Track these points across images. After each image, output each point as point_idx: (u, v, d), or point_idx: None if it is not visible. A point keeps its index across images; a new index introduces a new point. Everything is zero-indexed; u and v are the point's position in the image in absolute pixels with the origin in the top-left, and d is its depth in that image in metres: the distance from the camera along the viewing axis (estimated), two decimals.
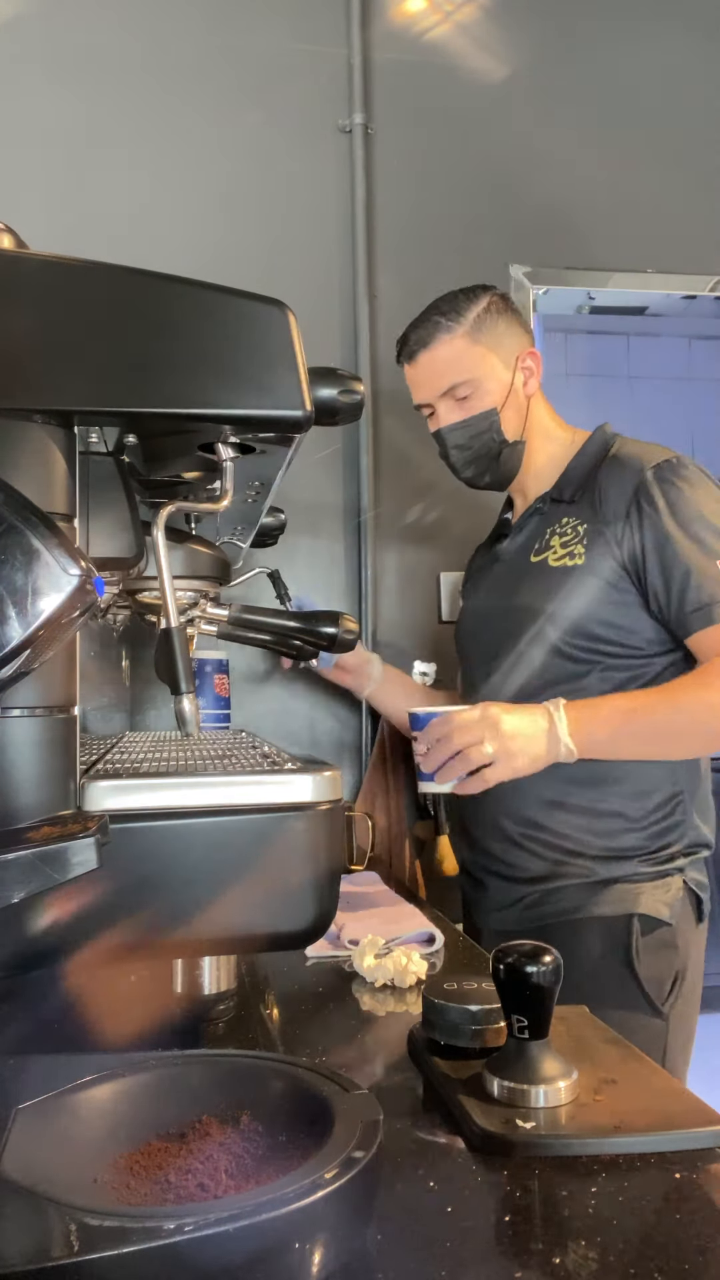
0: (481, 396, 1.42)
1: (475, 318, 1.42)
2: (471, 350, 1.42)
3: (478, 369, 1.42)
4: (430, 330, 1.43)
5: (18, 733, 0.62)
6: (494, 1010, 0.76)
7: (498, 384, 1.43)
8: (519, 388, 1.45)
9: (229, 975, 0.96)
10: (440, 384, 1.43)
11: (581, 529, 1.37)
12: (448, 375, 1.42)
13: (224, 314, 0.63)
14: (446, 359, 1.42)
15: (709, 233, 2.21)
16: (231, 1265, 0.46)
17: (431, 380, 1.44)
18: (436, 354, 1.42)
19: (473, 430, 1.44)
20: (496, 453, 1.45)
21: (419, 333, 1.44)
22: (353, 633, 1.11)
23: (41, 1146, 0.55)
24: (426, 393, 1.46)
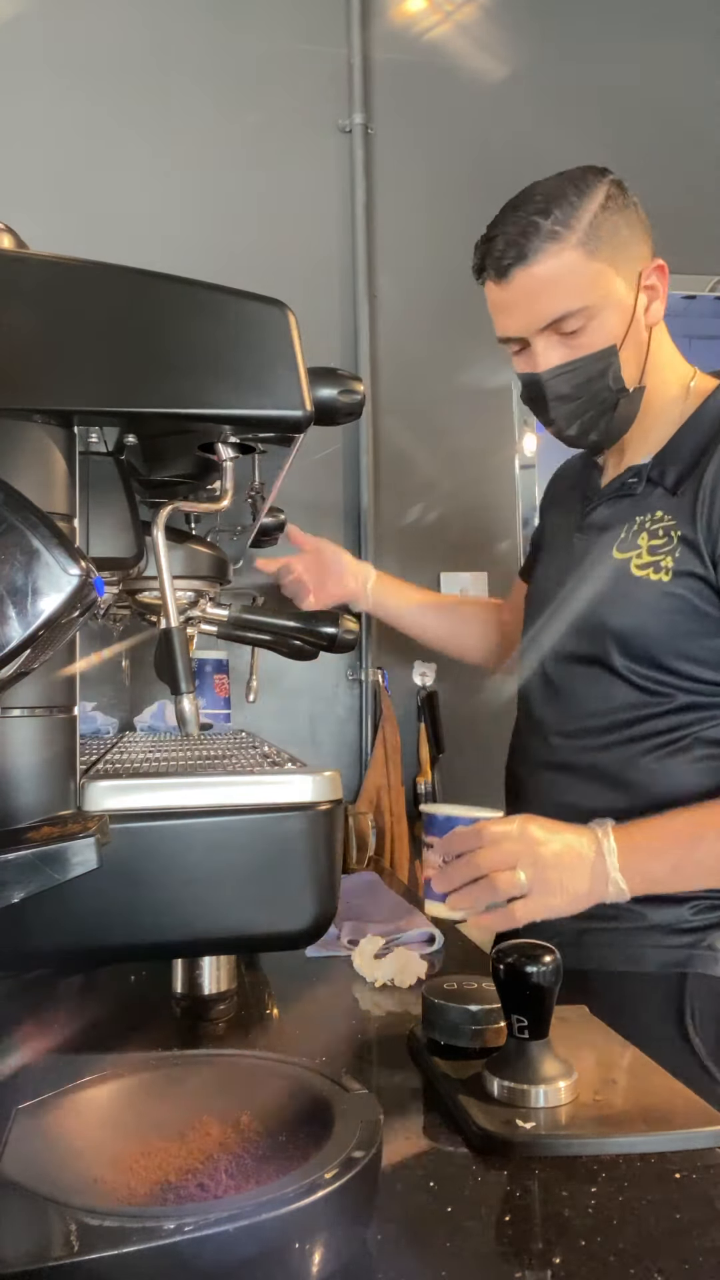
0: (597, 330, 1.07)
1: (591, 220, 1.05)
2: (587, 267, 1.05)
3: (594, 292, 1.06)
4: (530, 236, 1.05)
5: (18, 733, 0.62)
6: (494, 1010, 0.76)
7: (618, 312, 1.07)
8: (641, 315, 1.09)
9: (229, 975, 0.96)
10: (544, 313, 1.06)
11: (675, 535, 1.07)
12: (555, 302, 1.06)
13: (224, 314, 0.63)
14: (554, 279, 1.05)
15: (709, 233, 2.21)
16: (231, 1265, 0.46)
17: (530, 308, 1.07)
18: (539, 271, 1.05)
19: (583, 375, 1.08)
20: (612, 404, 1.11)
21: (513, 238, 1.06)
22: (352, 632, 1.11)
23: (41, 1146, 0.55)
24: (522, 323, 1.08)
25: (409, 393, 2.07)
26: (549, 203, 1.06)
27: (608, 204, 1.07)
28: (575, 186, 1.07)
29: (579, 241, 1.05)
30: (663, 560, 1.08)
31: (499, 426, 2.12)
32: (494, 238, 1.08)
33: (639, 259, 1.10)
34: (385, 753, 1.95)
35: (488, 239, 1.10)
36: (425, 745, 2.02)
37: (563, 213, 1.05)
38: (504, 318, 1.11)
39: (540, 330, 1.08)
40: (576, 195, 1.06)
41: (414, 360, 2.09)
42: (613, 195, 1.08)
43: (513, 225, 1.06)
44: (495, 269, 1.08)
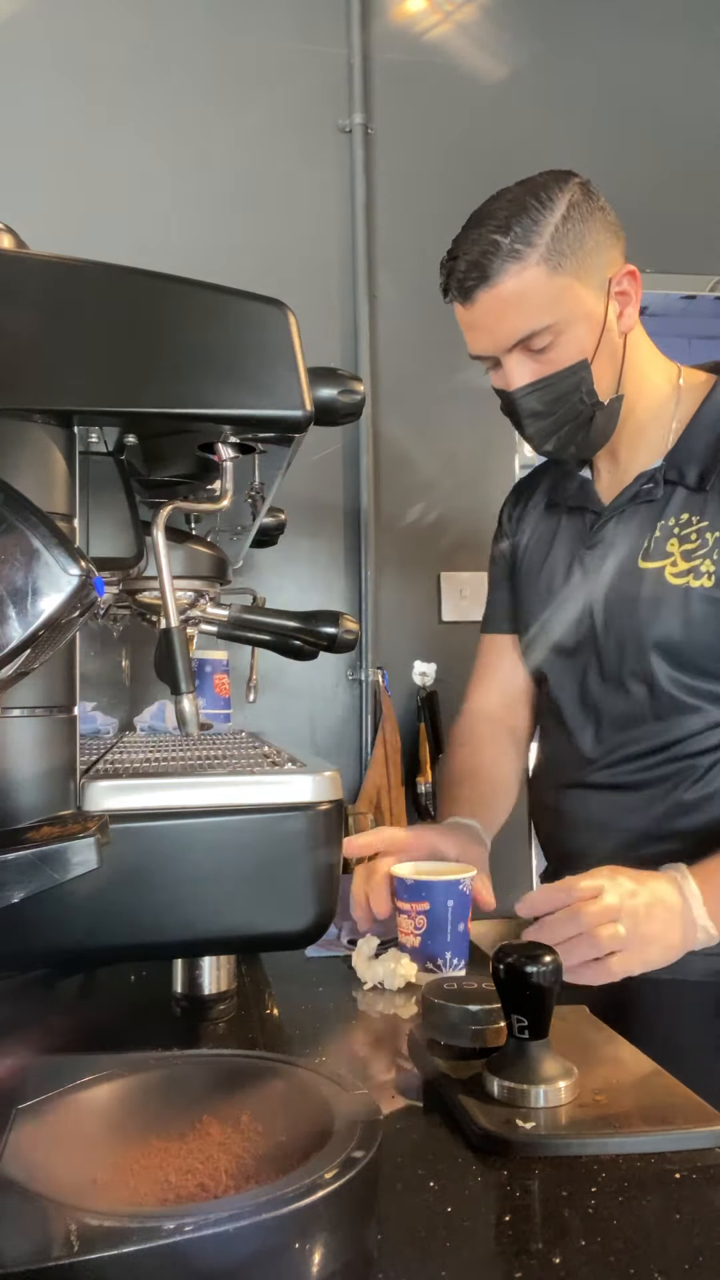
0: (567, 345, 1.03)
1: (553, 234, 1.01)
2: (551, 284, 1.01)
3: (560, 308, 1.02)
4: (491, 257, 1.01)
5: (18, 733, 0.62)
6: (494, 1010, 0.76)
7: (587, 325, 1.04)
8: (613, 324, 1.06)
9: (229, 975, 0.96)
10: (510, 333, 1.03)
11: (711, 537, 1.04)
12: (520, 321, 1.02)
13: (224, 314, 0.63)
14: (517, 298, 1.02)
15: (709, 233, 2.21)
16: (231, 1265, 0.46)
17: (496, 327, 1.04)
18: (502, 292, 1.02)
19: (555, 391, 1.05)
20: (588, 417, 1.08)
21: (475, 259, 1.02)
22: (352, 632, 1.11)
23: (41, 1146, 0.55)
24: (489, 343, 1.06)
25: (409, 393, 2.08)
26: (510, 219, 1.02)
27: (570, 214, 1.03)
28: (536, 198, 1.03)
29: (540, 258, 1.01)
30: (701, 565, 1.04)
31: (499, 426, 2.11)
32: (456, 258, 1.06)
33: (607, 266, 1.07)
34: (385, 753, 1.95)
35: (451, 258, 1.07)
36: (425, 745, 2.02)
37: (523, 229, 1.01)
38: (472, 336, 1.09)
39: (508, 349, 1.05)
40: (538, 208, 1.02)
41: (414, 360, 2.09)
42: (576, 204, 1.04)
43: (474, 245, 1.03)
44: (459, 290, 1.06)
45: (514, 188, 1.06)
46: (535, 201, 1.03)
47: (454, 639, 2.00)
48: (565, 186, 1.05)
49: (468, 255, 1.03)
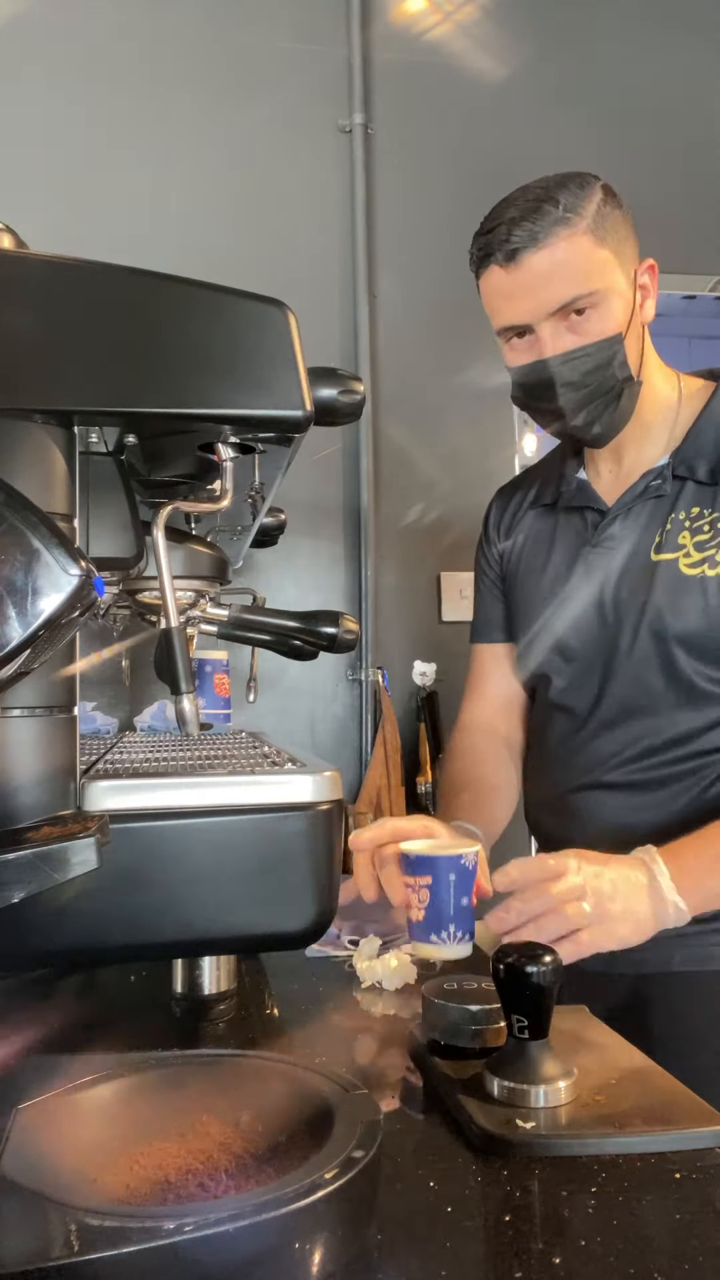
0: (605, 317, 1.06)
1: (596, 211, 1.06)
2: (596, 254, 1.05)
3: (603, 279, 1.06)
4: (543, 222, 1.03)
5: (18, 733, 0.62)
6: (494, 1010, 0.76)
7: (622, 301, 1.08)
8: (638, 308, 1.11)
9: (229, 975, 0.96)
10: (556, 296, 1.05)
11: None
12: (568, 285, 1.05)
13: (224, 314, 0.63)
14: (566, 262, 1.04)
15: (709, 233, 2.21)
16: (231, 1265, 0.46)
17: (542, 291, 1.05)
18: (553, 255, 1.04)
19: (593, 361, 1.07)
20: (618, 393, 1.10)
21: (525, 224, 1.04)
22: (353, 632, 1.11)
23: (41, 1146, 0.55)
24: (531, 308, 1.06)
25: (409, 393, 2.08)
26: (555, 192, 1.05)
27: (606, 200, 1.08)
28: (575, 181, 1.07)
29: (588, 228, 1.05)
30: (715, 554, 1.07)
31: (499, 426, 2.12)
32: (503, 227, 1.06)
33: (633, 256, 1.11)
34: (385, 753, 1.95)
35: (493, 230, 1.07)
36: (425, 745, 2.02)
37: (571, 200, 1.05)
38: (510, 304, 1.08)
39: (549, 315, 1.06)
40: (579, 188, 1.06)
41: (414, 360, 2.09)
42: (608, 193, 1.10)
43: (526, 214, 1.04)
44: (504, 253, 1.05)
45: (543, 178, 1.09)
46: (575, 183, 1.07)
47: (454, 639, 2.00)
48: (595, 180, 1.10)
49: (518, 223, 1.04)
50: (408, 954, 1.04)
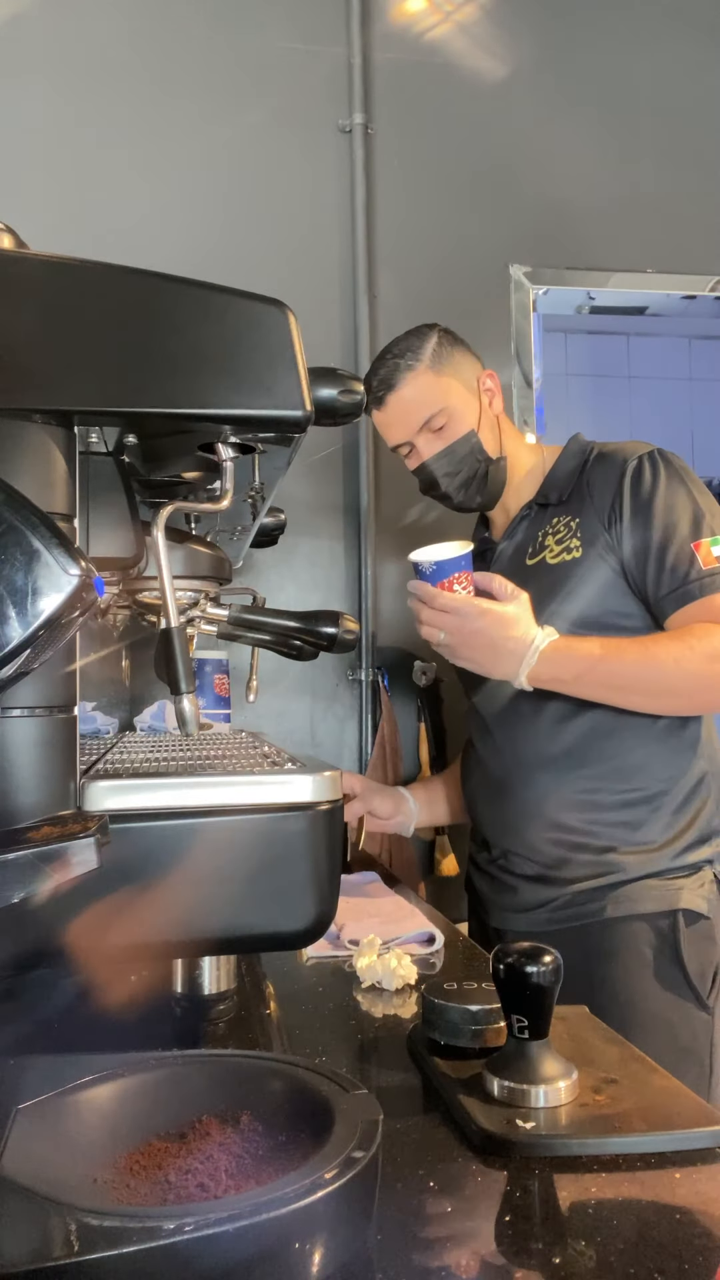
0: (457, 422, 1.45)
1: (432, 352, 1.45)
2: (437, 382, 1.45)
3: (447, 397, 1.45)
4: (392, 372, 1.45)
5: (18, 733, 0.62)
6: (494, 1010, 0.76)
7: (468, 407, 1.46)
8: (486, 407, 1.49)
9: (229, 975, 0.96)
10: (415, 420, 1.45)
11: (574, 524, 1.39)
12: (421, 409, 1.44)
13: (224, 314, 0.63)
14: (416, 395, 1.44)
15: (709, 233, 2.21)
16: (231, 1265, 0.46)
17: (405, 418, 1.46)
18: (404, 393, 1.45)
19: (457, 455, 1.46)
20: (485, 471, 1.48)
21: (381, 377, 1.46)
22: (352, 632, 1.11)
23: (41, 1146, 0.55)
24: (402, 432, 1.47)
25: None
26: (401, 350, 1.46)
27: (441, 340, 1.47)
28: (416, 335, 1.47)
29: (426, 366, 1.45)
30: (570, 543, 1.39)
31: None
32: (370, 382, 1.47)
33: (472, 371, 1.49)
34: (385, 753, 1.95)
35: (365, 383, 1.46)
36: (425, 745, 2.02)
37: (411, 351, 1.46)
38: (390, 431, 1.49)
39: (417, 432, 1.46)
40: (417, 340, 1.46)
41: None
42: (443, 335, 1.48)
43: (380, 369, 1.47)
44: (375, 402, 1.48)
45: (400, 335, 1.50)
46: (415, 336, 1.48)
47: None
48: (433, 328, 1.49)
49: (377, 377, 1.47)
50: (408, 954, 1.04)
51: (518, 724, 1.41)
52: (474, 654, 1.28)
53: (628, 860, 1.33)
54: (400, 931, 1.16)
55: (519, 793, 1.40)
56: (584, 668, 1.27)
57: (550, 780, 1.37)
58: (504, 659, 1.27)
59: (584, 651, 1.28)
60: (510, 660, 1.27)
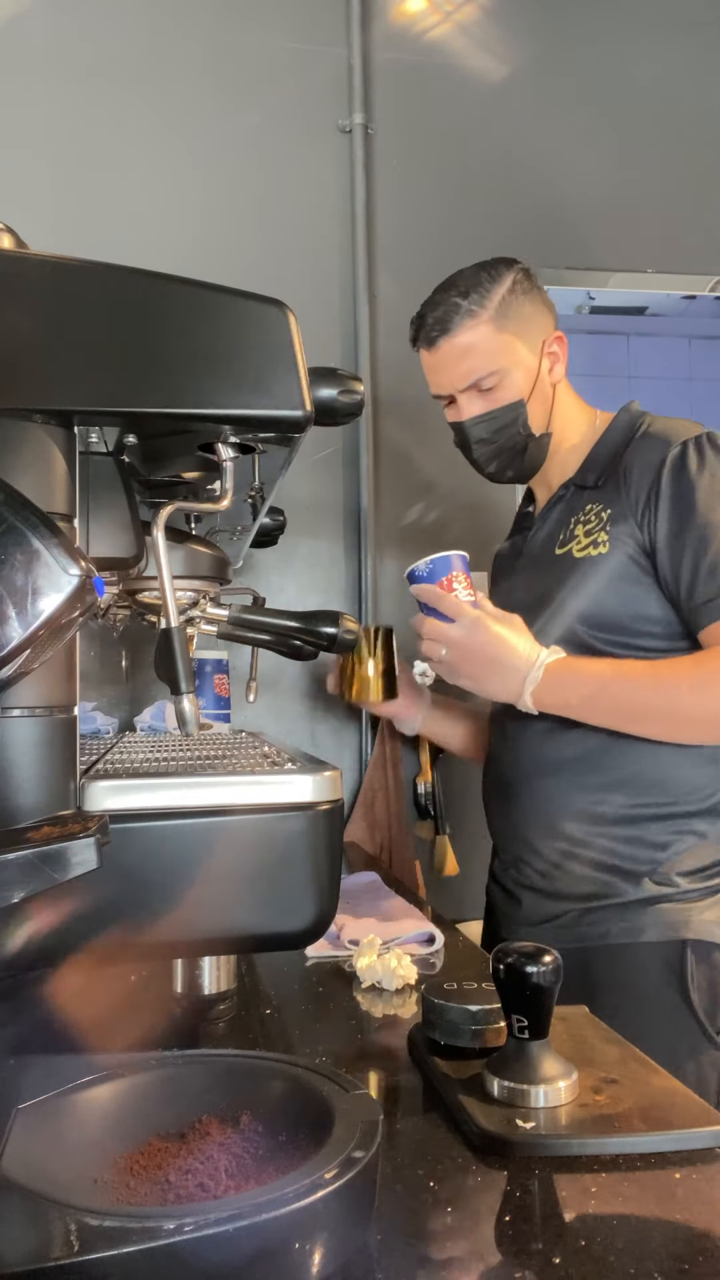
0: (508, 387, 1.31)
1: (500, 300, 1.29)
2: (498, 338, 1.29)
3: (504, 358, 1.30)
4: (450, 313, 1.29)
5: (18, 733, 0.62)
6: (494, 1010, 0.76)
7: (524, 373, 1.31)
8: (545, 375, 1.34)
9: (229, 975, 0.96)
10: (464, 375, 1.31)
11: (605, 515, 1.28)
12: (473, 365, 1.30)
13: (224, 314, 0.63)
14: (470, 347, 1.29)
15: (709, 233, 2.21)
16: (231, 1265, 0.46)
17: (453, 370, 1.31)
18: (458, 341, 1.29)
19: (498, 423, 1.32)
20: (522, 447, 1.35)
21: (438, 315, 1.30)
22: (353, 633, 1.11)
23: (41, 1146, 0.55)
24: (446, 382, 1.33)
25: (409, 393, 2.07)
26: (467, 288, 1.30)
27: (514, 287, 1.31)
28: (489, 274, 1.31)
29: (490, 318, 1.29)
30: (598, 537, 1.28)
31: None
32: (425, 316, 1.33)
33: (541, 331, 1.34)
34: (385, 753, 1.95)
35: (420, 318, 1.34)
36: (425, 745, 2.02)
37: (478, 295, 1.29)
38: (434, 377, 1.35)
39: (462, 389, 1.32)
40: (489, 281, 1.30)
41: (414, 360, 2.08)
42: (519, 280, 1.32)
43: (438, 305, 1.31)
44: (425, 340, 1.33)
45: (469, 268, 1.34)
46: (488, 275, 1.31)
47: None
48: (511, 269, 1.33)
49: (434, 313, 1.31)
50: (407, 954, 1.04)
51: (530, 725, 1.31)
52: (476, 670, 1.21)
53: (636, 880, 1.24)
54: (400, 931, 1.16)
55: (526, 798, 1.34)
56: (592, 689, 1.19)
57: (559, 787, 1.30)
58: (508, 677, 1.20)
59: (591, 672, 1.20)
60: (513, 679, 1.20)
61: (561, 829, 1.29)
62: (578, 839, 1.28)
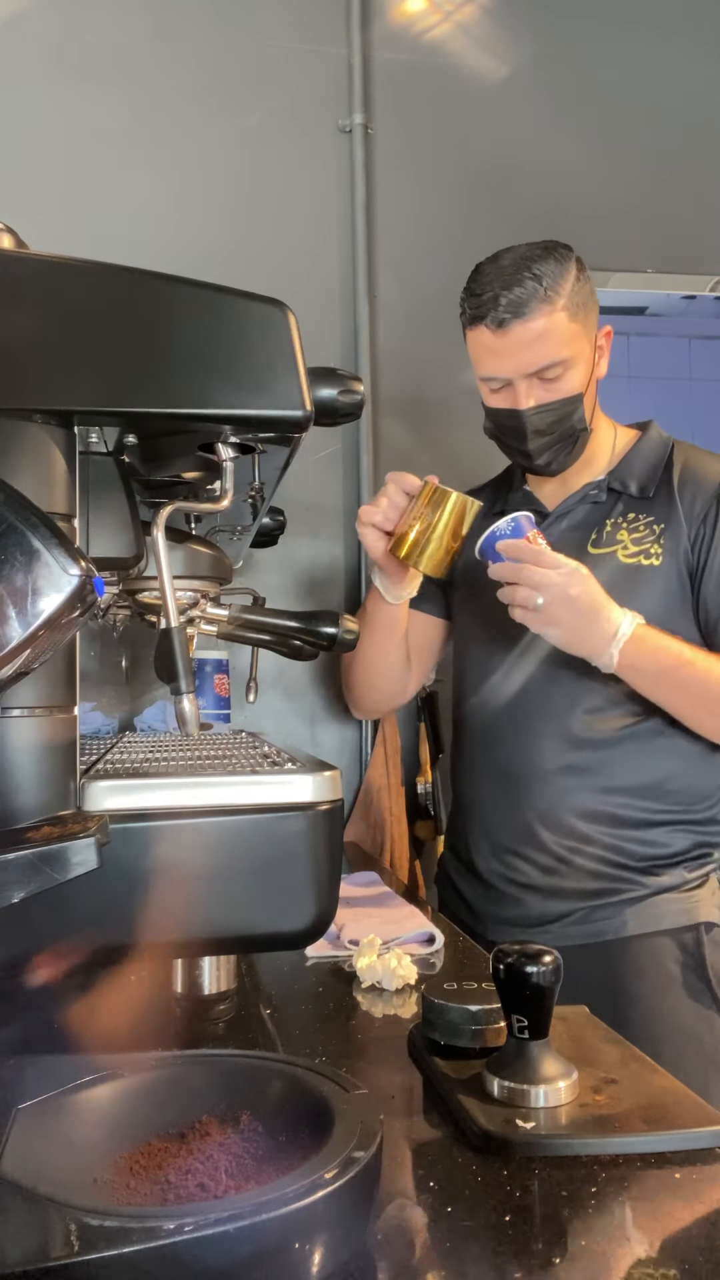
0: (570, 379, 1.27)
1: (572, 288, 1.25)
2: (569, 327, 1.25)
3: (571, 348, 1.26)
4: (529, 297, 1.23)
5: (18, 733, 0.62)
6: (494, 1010, 0.76)
7: (585, 365, 1.30)
8: (596, 369, 1.34)
9: (229, 975, 0.96)
10: (532, 362, 1.25)
11: (658, 528, 1.30)
12: (543, 354, 1.25)
13: (224, 314, 0.63)
14: (543, 334, 1.24)
15: (709, 233, 2.21)
16: (231, 1265, 0.46)
17: (519, 356, 1.25)
18: (533, 326, 1.23)
19: (556, 415, 1.29)
20: (574, 440, 1.33)
21: (513, 297, 1.23)
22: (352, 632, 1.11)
23: (41, 1146, 0.55)
24: (510, 367, 1.27)
25: (409, 393, 2.07)
26: (542, 269, 1.24)
27: (579, 276, 1.27)
28: (556, 258, 1.25)
29: (565, 306, 1.24)
30: (651, 548, 1.29)
31: None
32: (498, 296, 1.24)
33: (595, 323, 1.31)
34: (385, 753, 1.95)
35: (492, 298, 1.25)
36: (425, 745, 2.02)
37: (552, 280, 1.24)
38: (496, 360, 1.28)
39: (526, 375, 1.27)
40: (558, 266, 1.25)
41: (414, 360, 2.08)
42: (580, 269, 1.28)
43: (515, 286, 1.23)
44: (494, 320, 1.25)
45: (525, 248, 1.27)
46: (555, 260, 1.25)
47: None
48: (571, 255, 1.29)
49: (507, 292, 1.24)
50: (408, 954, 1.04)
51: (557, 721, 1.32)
52: (575, 618, 1.17)
53: (641, 876, 1.29)
54: (400, 931, 1.16)
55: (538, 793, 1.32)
56: (671, 663, 1.20)
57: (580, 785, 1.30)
58: (603, 628, 1.18)
59: (674, 647, 1.21)
60: (607, 630, 1.18)
61: (574, 827, 1.30)
62: (590, 838, 1.30)
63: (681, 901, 1.28)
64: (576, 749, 1.31)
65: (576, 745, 1.31)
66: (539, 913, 1.33)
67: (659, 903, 1.28)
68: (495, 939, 1.35)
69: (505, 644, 1.39)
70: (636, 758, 1.29)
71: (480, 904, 1.41)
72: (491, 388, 1.32)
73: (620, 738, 1.29)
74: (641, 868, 1.29)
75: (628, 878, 1.29)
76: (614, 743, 1.29)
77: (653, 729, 1.28)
